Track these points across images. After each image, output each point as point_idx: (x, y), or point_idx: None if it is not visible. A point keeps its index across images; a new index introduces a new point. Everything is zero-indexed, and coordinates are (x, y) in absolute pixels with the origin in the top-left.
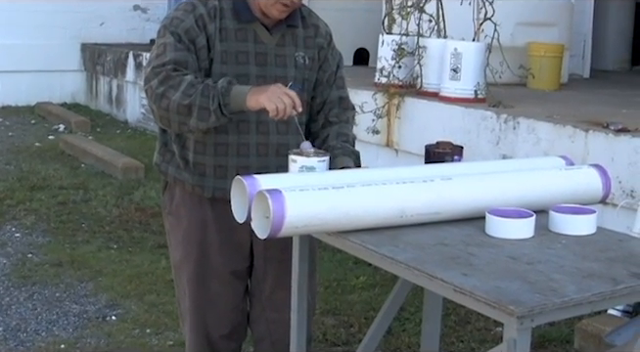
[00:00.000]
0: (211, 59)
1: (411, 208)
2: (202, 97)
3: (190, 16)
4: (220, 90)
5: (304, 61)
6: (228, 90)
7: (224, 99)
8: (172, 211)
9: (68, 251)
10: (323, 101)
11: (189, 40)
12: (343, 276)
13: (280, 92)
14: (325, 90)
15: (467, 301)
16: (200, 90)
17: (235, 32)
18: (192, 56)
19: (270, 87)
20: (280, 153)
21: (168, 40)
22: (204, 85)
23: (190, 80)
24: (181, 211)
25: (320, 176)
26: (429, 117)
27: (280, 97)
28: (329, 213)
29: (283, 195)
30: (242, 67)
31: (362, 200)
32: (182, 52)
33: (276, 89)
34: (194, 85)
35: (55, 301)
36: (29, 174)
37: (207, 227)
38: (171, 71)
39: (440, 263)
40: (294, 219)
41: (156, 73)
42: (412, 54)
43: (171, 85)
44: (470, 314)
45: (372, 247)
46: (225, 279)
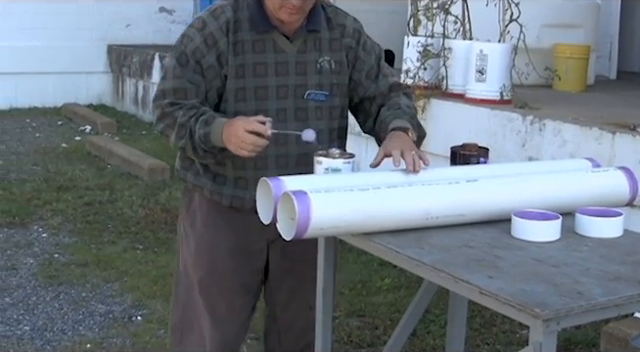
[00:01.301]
0: (225, 75)
1: (436, 210)
2: (191, 140)
3: (199, 34)
4: (201, 138)
5: (330, 65)
6: (207, 136)
7: (207, 145)
8: (188, 216)
9: (94, 252)
10: (372, 96)
11: (195, 61)
12: (368, 277)
13: (237, 142)
14: (370, 86)
15: (492, 304)
16: (188, 133)
17: (252, 44)
18: (195, 79)
19: (231, 137)
20: (300, 162)
21: (172, 63)
22: (189, 128)
23: (180, 121)
24: (197, 217)
25: (345, 177)
26: (454, 119)
27: (240, 146)
28: (354, 215)
29: (308, 196)
30: (260, 80)
31: (387, 202)
32: (180, 80)
33: (234, 140)
34: (183, 126)
35: (81, 301)
36: (56, 175)
37: (221, 234)
38: (167, 107)
39: (466, 265)
40: (319, 220)
41: (156, 107)
42: (437, 55)
43: (168, 124)
44: (495, 316)
45: (397, 249)
46: (234, 290)
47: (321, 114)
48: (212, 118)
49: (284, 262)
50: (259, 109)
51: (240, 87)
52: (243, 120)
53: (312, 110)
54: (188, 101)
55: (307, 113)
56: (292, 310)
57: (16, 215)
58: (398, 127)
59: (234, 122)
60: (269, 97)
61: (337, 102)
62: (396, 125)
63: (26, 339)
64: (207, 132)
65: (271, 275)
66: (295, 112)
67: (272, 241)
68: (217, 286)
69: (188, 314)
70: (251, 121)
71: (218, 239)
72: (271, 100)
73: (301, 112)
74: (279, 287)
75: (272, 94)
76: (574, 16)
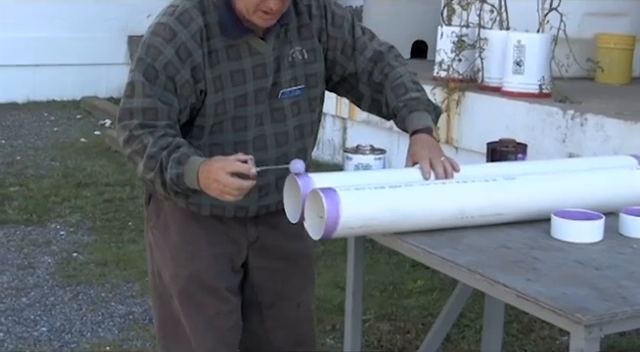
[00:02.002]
0: (201, 90)
1: (472, 209)
2: (160, 176)
3: (169, 46)
4: (173, 179)
5: (303, 55)
6: (180, 178)
7: (180, 187)
8: (158, 225)
9: (114, 251)
10: (354, 72)
11: (167, 78)
12: (400, 279)
13: (219, 188)
14: (347, 63)
15: (531, 308)
16: (158, 168)
17: (226, 51)
18: (167, 98)
19: (211, 182)
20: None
21: (138, 79)
22: (160, 162)
23: (149, 152)
24: (169, 226)
25: (376, 174)
26: (490, 113)
27: (223, 192)
28: (385, 213)
29: (337, 194)
30: (239, 88)
31: (420, 200)
32: (150, 98)
33: (215, 185)
34: (153, 158)
35: (100, 302)
36: (75, 171)
37: (199, 242)
38: (136, 129)
39: (503, 267)
40: (349, 219)
41: (122, 128)
42: (473, 46)
43: (135, 150)
44: (533, 322)
45: (430, 250)
46: (222, 295)
47: (298, 109)
48: (186, 157)
49: (265, 262)
50: (237, 115)
51: (219, 101)
52: (221, 162)
53: (288, 107)
54: (159, 122)
55: (284, 112)
56: (279, 309)
57: (33, 212)
58: (421, 129)
59: (211, 165)
60: (248, 103)
61: (315, 92)
62: (418, 127)
63: (44, 341)
64: (180, 173)
65: (252, 276)
66: (271, 114)
67: (252, 242)
68: (202, 294)
69: (171, 327)
70: (232, 162)
71: (198, 247)
72: (250, 106)
73: (278, 113)
74: (262, 289)
75: (251, 100)
76: (619, 4)
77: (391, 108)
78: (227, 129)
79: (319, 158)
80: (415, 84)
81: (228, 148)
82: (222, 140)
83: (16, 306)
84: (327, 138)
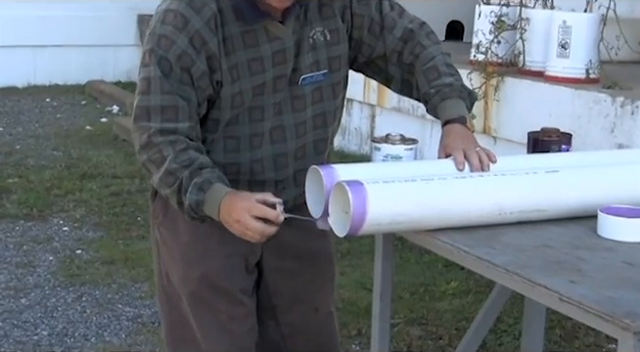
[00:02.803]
0: (217, 81)
1: (511, 205)
2: (177, 196)
3: (182, 35)
4: (192, 205)
5: (325, 36)
6: (200, 205)
7: (198, 214)
8: (166, 223)
9: (121, 248)
10: (382, 54)
11: (182, 69)
12: (432, 280)
13: (240, 229)
14: (376, 44)
15: (574, 312)
16: (176, 188)
17: (242, 38)
18: (186, 92)
19: (232, 221)
20: (298, 156)
21: (154, 74)
22: (180, 183)
23: (169, 167)
24: (178, 223)
25: (407, 166)
26: (532, 100)
27: (244, 234)
28: (417, 209)
29: (364, 187)
30: (257, 78)
31: (455, 195)
32: (170, 95)
33: (237, 226)
34: (172, 174)
35: (106, 303)
36: (79, 161)
37: (210, 240)
38: (156, 136)
39: (544, 268)
40: (377, 215)
41: (140, 129)
42: (513, 27)
43: (152, 159)
44: (578, 327)
45: (465, 248)
46: (235, 298)
47: (320, 96)
48: (209, 184)
49: (281, 262)
50: (254, 105)
51: (236, 92)
52: (247, 202)
53: (309, 95)
54: (179, 124)
55: (305, 100)
56: (296, 313)
57: (34, 206)
58: (454, 119)
59: (235, 204)
60: (265, 92)
61: (338, 76)
62: (451, 117)
63: (44, 346)
64: (201, 201)
65: (267, 277)
66: (291, 103)
67: (267, 240)
68: (214, 297)
69: (179, 331)
70: (258, 206)
71: (208, 247)
72: (268, 95)
73: (298, 101)
74: (277, 291)
75: (269, 89)
76: None
77: (422, 93)
78: (243, 121)
79: (345, 149)
80: (448, 67)
81: (244, 140)
82: (238, 132)
83: (14, 308)
84: (353, 126)
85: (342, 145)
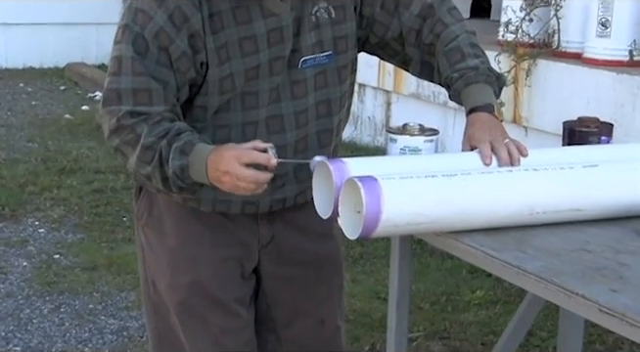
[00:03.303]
0: (202, 63)
1: (543, 203)
2: (160, 170)
3: (160, 10)
4: (177, 173)
5: (329, 13)
6: (184, 170)
7: (185, 181)
8: (151, 223)
9: (104, 252)
10: (399, 33)
11: (159, 49)
12: (455, 289)
13: (231, 181)
14: (391, 22)
15: (616, 325)
16: (157, 161)
17: (233, 13)
18: (162, 74)
19: (221, 175)
20: (298, 149)
21: (126, 52)
22: (159, 154)
23: (145, 142)
24: (165, 225)
25: (427, 160)
26: (568, 86)
27: (237, 186)
28: (438, 208)
29: (379, 184)
30: (250, 59)
31: (481, 193)
32: (143, 77)
33: (227, 179)
34: (150, 148)
35: (87, 315)
36: (57, 154)
37: (201, 243)
38: (126, 118)
39: (582, 275)
40: (393, 215)
41: (109, 114)
42: (547, 3)
43: (126, 141)
44: (620, 342)
45: (492, 253)
46: (230, 309)
47: (325, 81)
48: (191, 145)
49: (281, 268)
50: (247, 91)
51: (225, 75)
52: (234, 150)
53: (312, 79)
54: (153, 107)
55: (306, 85)
56: (299, 327)
57: (5, 205)
58: (479, 107)
59: (222, 154)
60: (260, 76)
61: (345, 59)
62: (476, 104)
63: None
64: (185, 165)
65: (266, 285)
66: (290, 88)
67: (265, 244)
68: (206, 307)
69: (168, 345)
70: (247, 151)
71: (199, 251)
72: (263, 79)
73: (298, 87)
74: (277, 301)
75: (264, 72)
76: None
77: (444, 77)
78: (235, 108)
79: (356, 140)
80: (474, 48)
81: (235, 130)
82: (229, 121)
83: None
84: (367, 115)
85: (354, 136)
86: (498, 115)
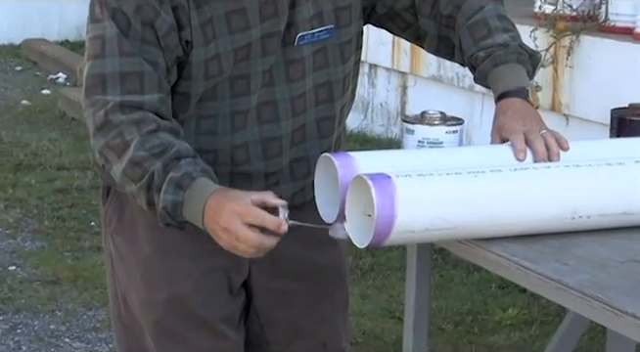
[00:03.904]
0: (187, 41)
1: (588, 206)
2: (147, 194)
3: None
4: (168, 208)
5: None
6: (177, 208)
7: (176, 219)
8: (121, 230)
9: (69, 263)
10: (410, 2)
11: (143, 24)
12: (483, 307)
13: (230, 241)
14: None
15: None
16: (145, 183)
17: None
18: (151, 54)
19: (219, 230)
20: (295, 142)
21: (110, 31)
22: (150, 177)
23: (135, 156)
24: (138, 231)
25: (449, 154)
26: (618, 66)
27: (235, 247)
28: (462, 211)
29: (392, 182)
30: (239, 37)
31: (513, 193)
32: (132, 58)
33: (226, 237)
34: (139, 165)
35: (48, 337)
36: (13, 147)
37: (180, 253)
38: (114, 113)
39: (632, 290)
40: (409, 219)
41: (93, 105)
42: None
43: (111, 145)
44: None
45: (527, 264)
46: (216, 330)
47: (325, 60)
48: (190, 179)
49: (276, 282)
50: (237, 75)
51: (211, 56)
52: (239, 204)
53: (310, 58)
54: (145, 96)
55: (303, 65)
56: (296, 350)
57: None
58: (511, 91)
59: (224, 206)
60: (252, 56)
61: (348, 33)
62: (507, 88)
63: None
64: (179, 202)
65: (257, 301)
66: (285, 69)
67: None
68: (187, 328)
69: None
70: (254, 209)
71: (178, 262)
72: (255, 60)
73: (294, 68)
74: (271, 321)
75: (256, 51)
76: None
77: (468, 56)
78: (223, 95)
79: (366, 131)
80: (502, 20)
81: (223, 120)
82: (215, 110)
83: None
84: (378, 101)
85: (364, 126)
86: (533, 101)
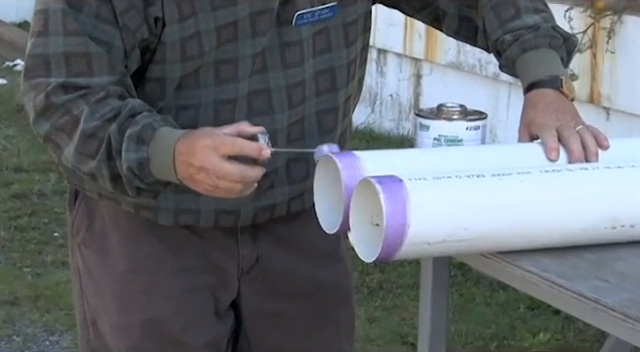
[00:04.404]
0: (157, 17)
1: (631, 214)
2: (108, 164)
3: None
4: (133, 169)
5: None
6: (143, 166)
7: (145, 180)
8: (92, 242)
9: (28, 280)
10: None
11: None
12: (510, 331)
13: (207, 181)
14: None
15: None
16: (104, 153)
17: None
18: (105, 33)
19: (194, 172)
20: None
21: (55, 6)
22: (107, 143)
23: (87, 127)
24: (111, 244)
25: (470, 154)
26: None
27: (215, 187)
28: (485, 220)
29: (405, 186)
30: (223, 13)
31: (544, 199)
32: (78, 37)
33: (202, 177)
34: (94, 136)
35: None
36: None
37: (160, 269)
38: (57, 94)
39: None
40: (423, 229)
41: (34, 88)
42: None
43: (58, 126)
44: None
45: (561, 281)
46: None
47: (326, 43)
48: (151, 130)
49: (268, 303)
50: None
51: (189, 35)
52: (212, 137)
53: (309, 40)
54: (94, 79)
55: (302, 49)
56: None
57: None
58: (542, 81)
59: (196, 142)
60: (240, 37)
61: (354, 12)
62: (537, 77)
63: None
64: (144, 158)
65: (248, 324)
66: (280, 53)
67: (247, 269)
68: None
69: None
70: (229, 137)
71: (156, 279)
72: (243, 42)
73: (291, 51)
74: (264, 346)
75: (244, 31)
76: None
77: (493, 40)
78: (205, 82)
79: (375, 126)
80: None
81: (206, 111)
82: (196, 100)
83: None
84: (388, 92)
85: (371, 121)
86: (568, 92)
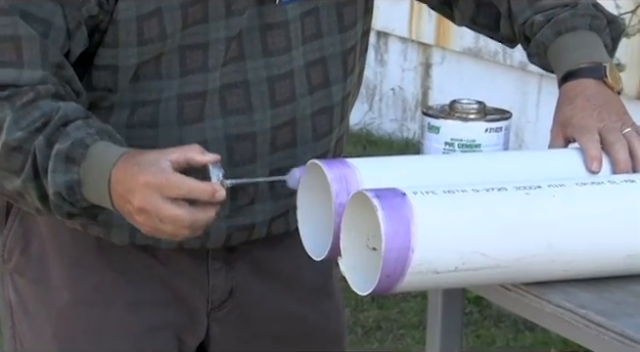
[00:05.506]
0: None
1: None
2: (35, 184)
3: None
4: (62, 193)
5: None
6: (73, 190)
7: (76, 205)
8: (27, 268)
9: None
10: None
11: None
12: None
13: (149, 223)
14: None
15: None
16: (28, 172)
17: None
18: (40, 10)
19: (134, 212)
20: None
21: None
22: (32, 160)
23: (8, 139)
24: (51, 271)
25: (490, 162)
26: None
27: (156, 230)
28: (508, 243)
29: (408, 201)
30: None
31: (582, 218)
32: (5, 17)
33: (143, 219)
34: (17, 149)
35: None
36: None
37: (111, 302)
38: None
39: None
40: (431, 254)
41: None
42: None
43: None
44: None
45: (601, 320)
46: None
47: (316, 27)
48: (83, 146)
49: (245, 347)
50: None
51: (148, 12)
52: (154, 173)
53: (296, 22)
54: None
55: (287, 33)
56: None
57: None
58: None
59: (135, 177)
60: (210, 17)
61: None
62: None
63: None
64: (74, 181)
65: None
66: (260, 37)
67: (219, 303)
68: None
69: None
70: (174, 177)
71: (107, 315)
72: (214, 22)
73: (274, 35)
74: None
75: (217, 11)
76: None
77: (519, 23)
78: (169, 72)
79: (372, 127)
80: None
81: (168, 107)
82: (157, 94)
83: None
84: (389, 86)
85: (369, 120)
86: (614, 84)
